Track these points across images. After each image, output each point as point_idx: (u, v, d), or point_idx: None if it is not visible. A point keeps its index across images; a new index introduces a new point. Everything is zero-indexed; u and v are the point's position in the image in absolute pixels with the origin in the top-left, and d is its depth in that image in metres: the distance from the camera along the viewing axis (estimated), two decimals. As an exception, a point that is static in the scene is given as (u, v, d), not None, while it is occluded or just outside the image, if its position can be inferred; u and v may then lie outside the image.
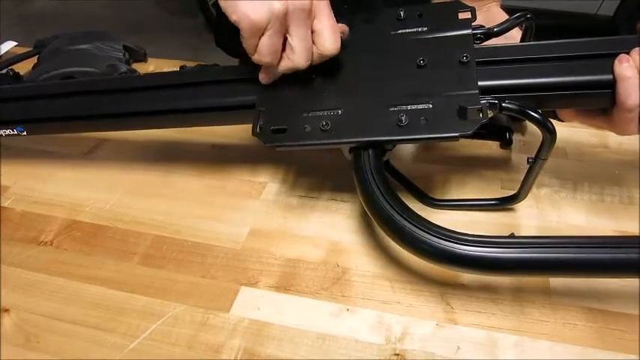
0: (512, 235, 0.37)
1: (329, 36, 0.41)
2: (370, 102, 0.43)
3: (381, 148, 0.43)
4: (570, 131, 0.58)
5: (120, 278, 0.47)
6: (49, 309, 0.45)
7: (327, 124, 0.42)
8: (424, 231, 0.37)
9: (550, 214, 0.50)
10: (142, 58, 0.80)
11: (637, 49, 0.39)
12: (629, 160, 0.56)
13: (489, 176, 0.55)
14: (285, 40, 0.41)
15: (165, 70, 0.78)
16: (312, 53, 0.41)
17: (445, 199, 0.51)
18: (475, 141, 0.58)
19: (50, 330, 0.43)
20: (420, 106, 0.41)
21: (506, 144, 0.56)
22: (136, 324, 0.43)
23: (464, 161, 0.57)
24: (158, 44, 0.63)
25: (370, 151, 0.42)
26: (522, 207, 0.50)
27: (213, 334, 0.42)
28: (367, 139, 0.42)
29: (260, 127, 0.44)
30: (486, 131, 0.55)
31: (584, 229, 0.49)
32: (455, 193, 0.53)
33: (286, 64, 0.42)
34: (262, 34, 0.39)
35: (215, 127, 0.61)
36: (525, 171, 0.45)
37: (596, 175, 0.54)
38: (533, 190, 0.50)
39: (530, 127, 0.59)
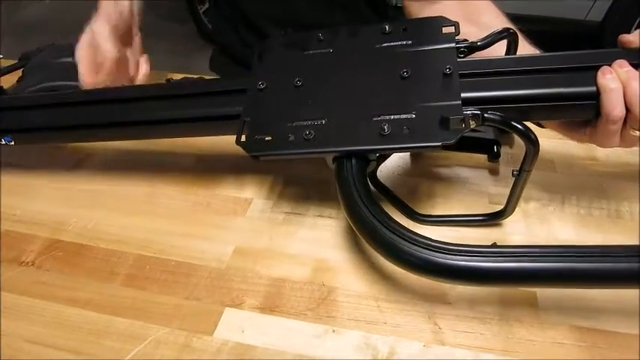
0: (494, 245, 0.37)
1: None
2: (354, 112, 0.43)
3: (364, 157, 0.43)
4: (558, 143, 0.58)
5: (102, 300, 0.46)
6: (29, 333, 0.43)
7: (310, 133, 0.42)
8: (407, 241, 0.37)
9: (538, 228, 0.50)
10: (129, 71, 0.79)
11: (618, 61, 0.39)
12: (616, 172, 0.56)
13: (477, 190, 0.54)
14: None
15: (151, 82, 0.77)
16: None
17: (432, 214, 0.51)
18: (462, 154, 0.58)
19: (30, 355, 0.42)
20: (403, 116, 0.41)
21: (494, 157, 0.56)
22: (118, 348, 0.42)
23: (451, 175, 0.57)
24: (148, 51, 0.63)
25: (353, 161, 0.42)
26: (510, 222, 0.50)
27: (197, 357, 0.41)
28: (349, 148, 0.42)
29: (244, 137, 0.44)
30: (474, 144, 0.55)
31: (571, 243, 0.48)
32: (442, 208, 0.53)
33: None
34: None
35: (201, 140, 0.61)
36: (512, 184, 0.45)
37: (584, 188, 0.54)
38: (521, 204, 0.50)
39: (519, 139, 0.58)
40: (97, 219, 0.54)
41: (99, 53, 0.57)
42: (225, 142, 0.56)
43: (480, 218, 0.49)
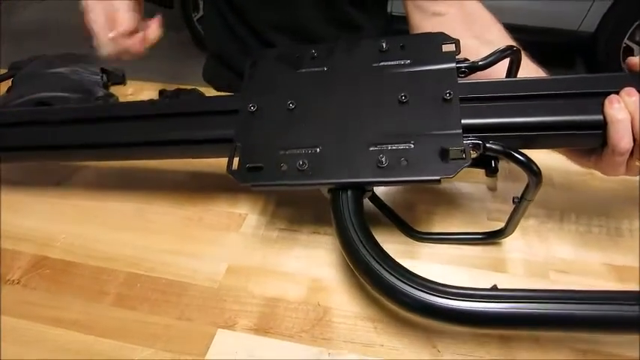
0: (494, 288, 0.35)
1: None
2: (350, 140, 0.41)
3: (360, 189, 0.41)
4: (557, 159, 0.57)
5: (88, 320, 0.44)
6: (11, 354, 0.42)
7: (304, 163, 0.40)
8: (403, 282, 0.35)
9: (537, 247, 0.49)
10: (121, 81, 0.78)
11: (626, 89, 0.37)
12: (616, 189, 0.55)
13: (475, 206, 0.54)
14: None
15: (144, 93, 0.76)
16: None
17: (430, 232, 0.50)
18: (460, 169, 0.57)
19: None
20: (402, 146, 0.39)
21: (492, 172, 0.55)
22: (105, 371, 0.40)
23: (449, 191, 0.56)
24: (143, 58, 0.62)
25: (349, 192, 0.40)
26: (509, 239, 0.49)
27: (188, 381, 0.39)
28: (345, 180, 0.40)
29: (235, 163, 0.42)
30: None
31: (571, 262, 0.48)
32: (440, 225, 0.52)
33: None
34: None
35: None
36: (511, 201, 0.44)
37: (583, 205, 0.53)
38: (520, 221, 0.49)
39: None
40: (87, 235, 0.52)
41: (115, 22, 0.55)
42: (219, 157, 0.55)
43: (479, 237, 0.48)
